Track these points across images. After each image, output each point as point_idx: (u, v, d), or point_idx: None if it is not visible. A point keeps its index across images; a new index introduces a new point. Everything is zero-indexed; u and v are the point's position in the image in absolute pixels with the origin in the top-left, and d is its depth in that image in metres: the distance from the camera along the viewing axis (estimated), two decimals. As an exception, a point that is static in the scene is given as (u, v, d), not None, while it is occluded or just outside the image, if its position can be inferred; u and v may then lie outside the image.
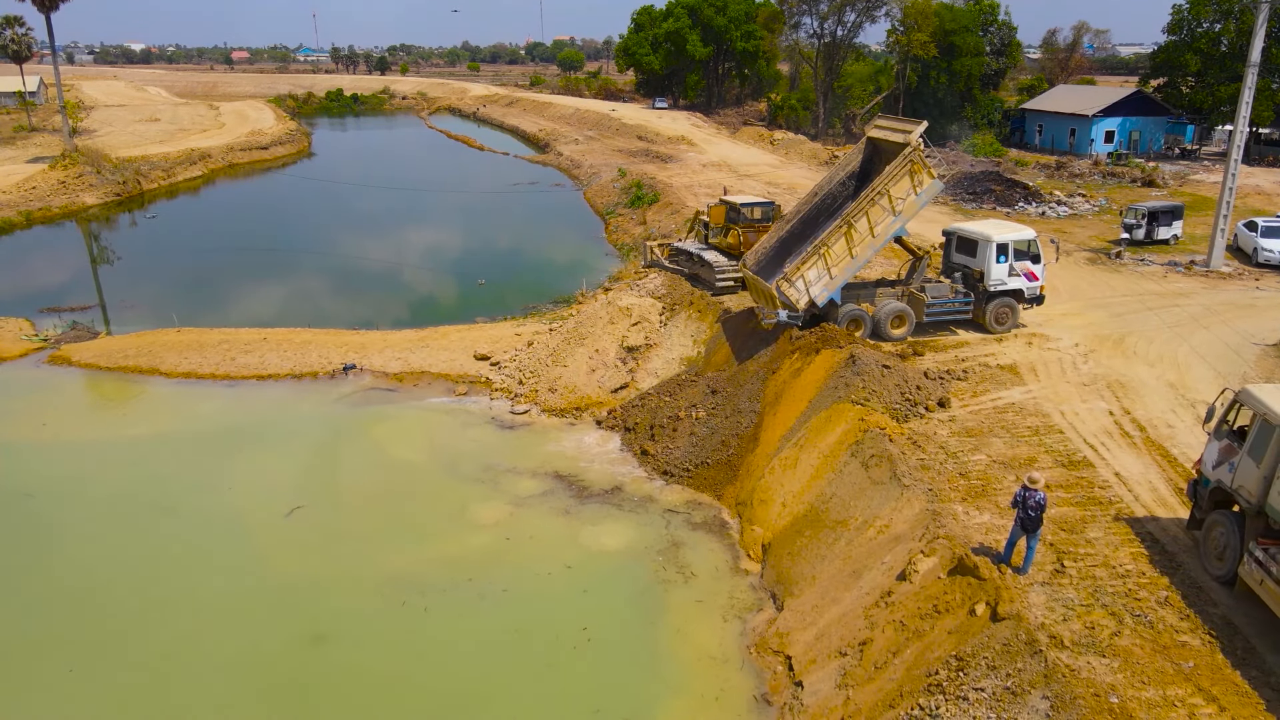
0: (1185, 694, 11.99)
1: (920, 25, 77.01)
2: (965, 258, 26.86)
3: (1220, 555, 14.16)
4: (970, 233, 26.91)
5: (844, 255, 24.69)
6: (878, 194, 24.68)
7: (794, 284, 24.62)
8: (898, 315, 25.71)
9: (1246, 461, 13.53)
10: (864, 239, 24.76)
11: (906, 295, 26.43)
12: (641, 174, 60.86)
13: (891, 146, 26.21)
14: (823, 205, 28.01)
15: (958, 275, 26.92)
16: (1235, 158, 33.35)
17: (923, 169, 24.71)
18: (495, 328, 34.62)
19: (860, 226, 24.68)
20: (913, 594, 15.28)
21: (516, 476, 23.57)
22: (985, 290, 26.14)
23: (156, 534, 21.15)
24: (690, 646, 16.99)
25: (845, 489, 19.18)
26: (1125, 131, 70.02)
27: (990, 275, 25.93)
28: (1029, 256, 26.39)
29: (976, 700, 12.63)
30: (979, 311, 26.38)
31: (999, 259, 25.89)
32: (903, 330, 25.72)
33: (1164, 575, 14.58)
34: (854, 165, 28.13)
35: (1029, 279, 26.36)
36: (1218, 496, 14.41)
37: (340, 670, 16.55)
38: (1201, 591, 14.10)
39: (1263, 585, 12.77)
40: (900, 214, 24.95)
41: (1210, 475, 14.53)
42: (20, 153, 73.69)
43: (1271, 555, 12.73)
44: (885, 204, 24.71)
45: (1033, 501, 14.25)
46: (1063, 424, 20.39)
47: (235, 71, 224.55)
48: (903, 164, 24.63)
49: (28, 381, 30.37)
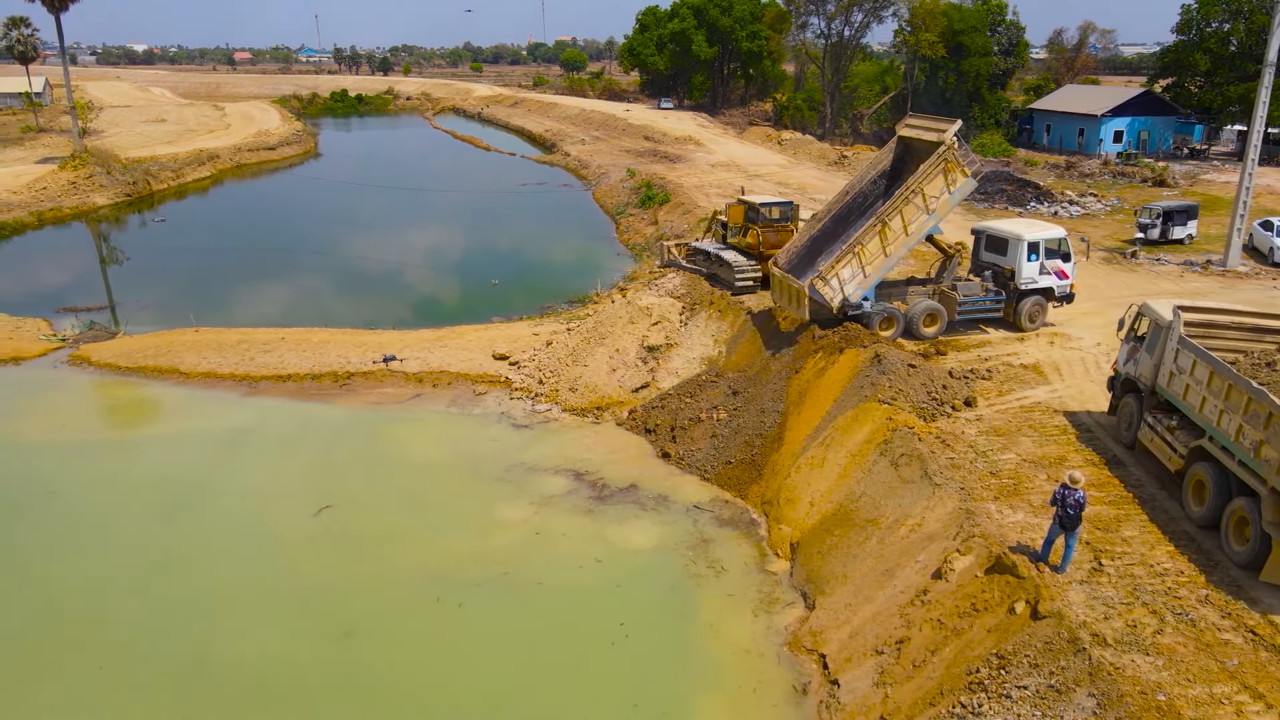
0: (1231, 691, 12.01)
1: (928, 25, 77.02)
2: (995, 256, 26.97)
3: (1128, 427, 18.95)
4: (1000, 231, 27.04)
5: (878, 254, 24.74)
6: (912, 192, 24.75)
7: (829, 283, 24.69)
8: (930, 313, 25.80)
9: (1144, 355, 18.27)
10: (898, 237, 24.81)
11: (938, 294, 26.54)
12: (651, 174, 60.90)
13: (923, 145, 26.28)
14: (853, 204, 28.07)
15: (988, 274, 27.03)
16: (1252, 157, 33.37)
17: (956, 167, 24.82)
18: (512, 327, 34.65)
19: (894, 225, 24.74)
20: (950, 592, 15.30)
21: (540, 475, 23.60)
22: (1016, 288, 26.28)
23: (183, 533, 21.18)
24: (723, 641, 17.04)
25: (875, 488, 19.20)
26: (1134, 131, 70.04)
27: (1021, 273, 26.07)
28: (1059, 255, 26.54)
29: (1020, 698, 12.65)
30: (1010, 309, 26.52)
31: (1030, 257, 26.04)
32: (935, 328, 25.81)
33: (1203, 573, 14.60)
34: (885, 164, 28.20)
35: (1059, 277, 26.54)
36: (1127, 386, 19.25)
37: (372, 666, 16.57)
38: (1242, 590, 14.13)
39: (1152, 442, 17.72)
40: (934, 212, 25.04)
41: (1122, 370, 19.47)
42: (29, 153, 73.75)
43: (1158, 420, 17.65)
44: (919, 202, 24.77)
45: (1072, 500, 14.26)
46: (1090, 423, 20.41)
47: (238, 72, 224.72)
48: (937, 162, 24.72)
49: (47, 381, 30.42)
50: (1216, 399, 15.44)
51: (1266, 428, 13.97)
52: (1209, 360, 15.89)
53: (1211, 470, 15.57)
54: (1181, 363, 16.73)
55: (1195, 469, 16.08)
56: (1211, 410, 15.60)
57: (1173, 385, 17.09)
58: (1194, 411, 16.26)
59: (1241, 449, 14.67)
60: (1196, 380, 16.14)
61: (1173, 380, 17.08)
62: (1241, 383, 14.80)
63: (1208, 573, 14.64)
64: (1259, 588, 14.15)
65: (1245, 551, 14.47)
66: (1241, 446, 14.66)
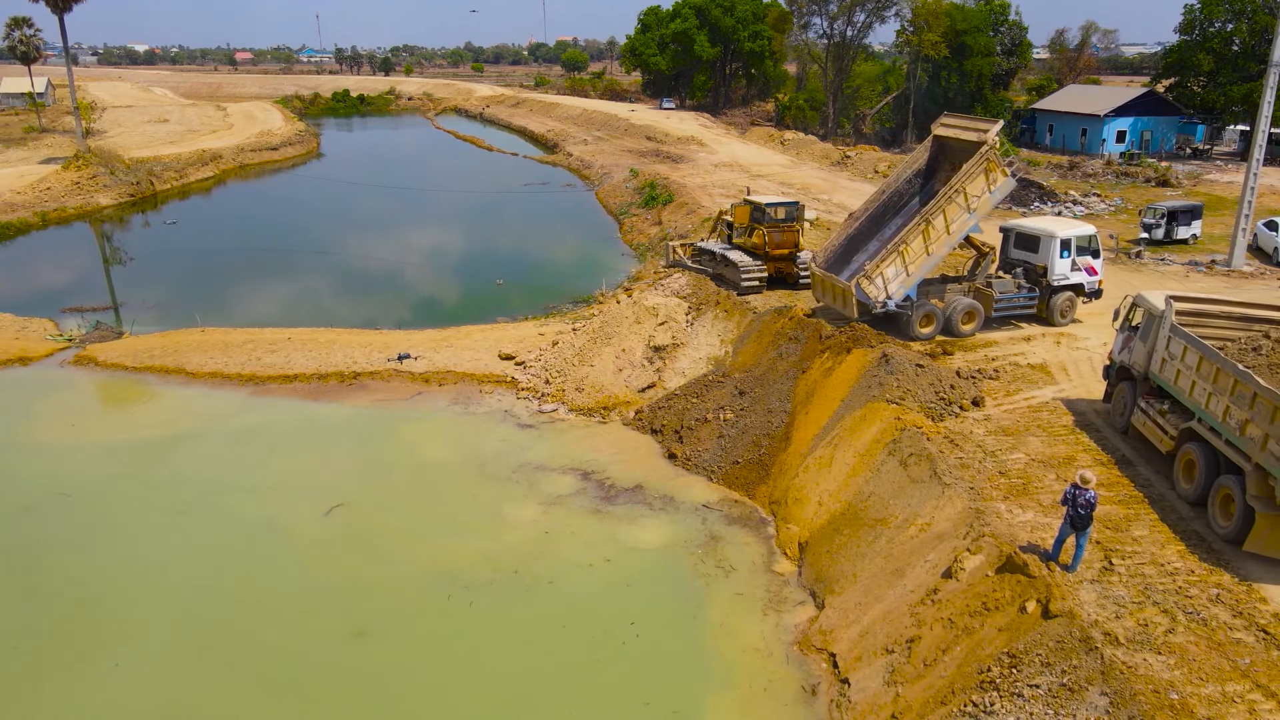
0: (1244, 690, 12.06)
1: (931, 25, 77.06)
2: (1025, 253, 27.42)
3: (1122, 412, 19.81)
4: (1032, 229, 27.55)
5: (921, 252, 25.12)
6: (955, 191, 25.11)
7: (873, 281, 24.98)
8: (968, 311, 26.14)
9: (1138, 343, 19.08)
10: (940, 236, 25.21)
11: (973, 291, 26.87)
12: (654, 174, 60.92)
13: (960, 145, 26.75)
14: (888, 204, 28.58)
15: (1018, 270, 27.43)
16: (1257, 157, 33.41)
17: (997, 167, 25.32)
18: (517, 327, 34.72)
19: (937, 224, 25.12)
20: (960, 591, 15.34)
21: (548, 475, 23.65)
22: (1049, 285, 26.72)
23: (193, 533, 21.23)
24: (733, 640, 17.09)
25: (884, 487, 19.25)
26: (1137, 131, 70.08)
27: (1054, 270, 26.58)
28: (1090, 251, 27.02)
29: (1032, 697, 12.69)
30: (1042, 305, 26.99)
31: (1063, 254, 26.53)
32: (972, 325, 26.20)
33: (1213, 573, 14.66)
34: (920, 163, 28.71)
35: (1089, 273, 27.00)
36: (1122, 373, 20.06)
37: (384, 665, 16.63)
38: (1253, 589, 14.18)
39: (1145, 425, 18.59)
40: (975, 211, 25.50)
41: (1116, 359, 20.24)
42: (33, 154, 73.86)
43: (1151, 404, 18.51)
44: (961, 201, 25.18)
45: (1083, 500, 14.31)
46: (1099, 422, 20.45)
47: (239, 72, 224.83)
48: (980, 161, 25.15)
49: (54, 382, 30.47)
50: (1205, 382, 16.32)
51: (1251, 407, 14.83)
52: (1199, 346, 16.74)
53: (1200, 450, 16.45)
54: (1173, 349, 17.66)
55: (1185, 449, 17.01)
56: (1200, 393, 16.47)
57: (1164, 371, 17.99)
58: (1184, 395, 17.15)
59: (1228, 428, 15.51)
60: (1187, 365, 17.06)
61: (1165, 366, 17.99)
62: (1228, 366, 15.65)
63: (1218, 572, 14.69)
64: (1270, 589, 14.20)
65: (1231, 526, 15.34)
66: (1228, 426, 15.50)
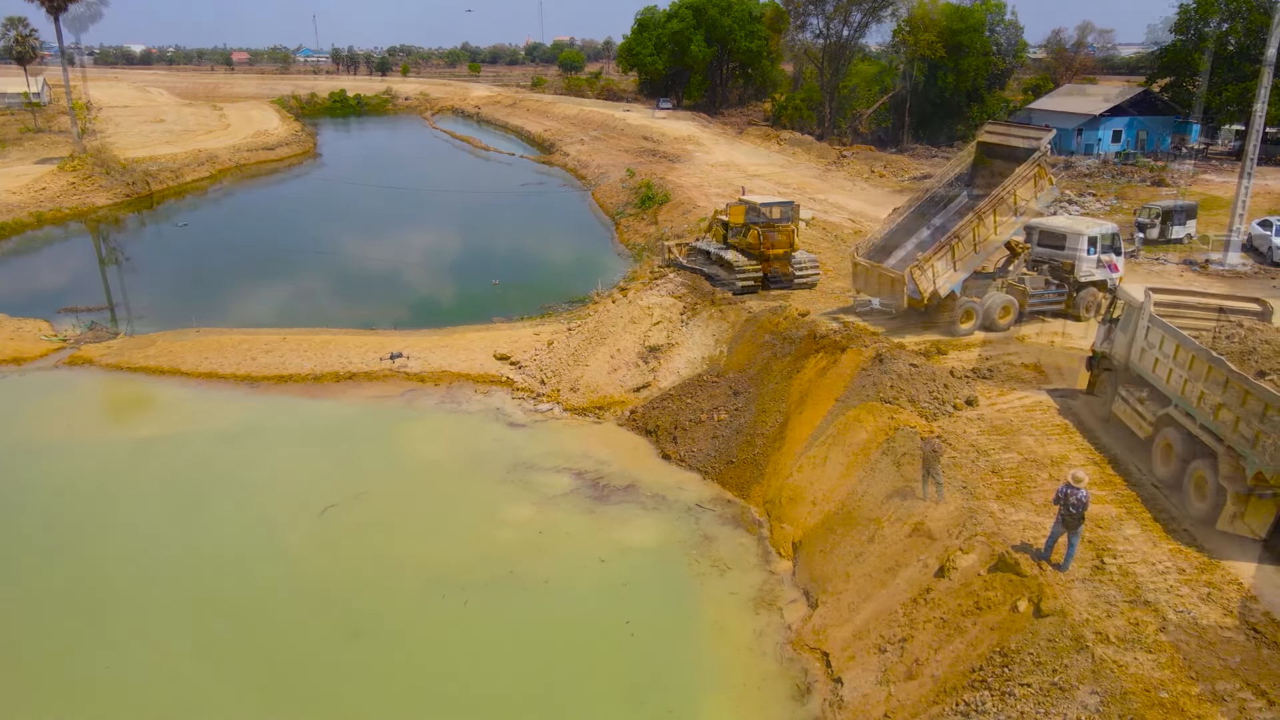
0: (1234, 688, 12.10)
1: (927, 25, 77.13)
2: (1050, 251, 28.30)
3: (1104, 402, 20.49)
4: (1058, 227, 28.54)
5: (969, 250, 25.89)
6: (1006, 193, 25.91)
7: (925, 272, 25.60)
8: (1005, 306, 26.87)
9: (1119, 334, 19.91)
10: (987, 235, 26.03)
11: (1006, 287, 27.47)
12: (650, 174, 60.92)
13: (1005, 151, 27.97)
14: (930, 202, 29.72)
15: (1044, 267, 28.22)
16: (1252, 156, 33.49)
17: (1045, 174, 26.19)
18: (513, 328, 34.72)
19: (987, 223, 25.89)
20: (953, 591, 15.39)
21: (542, 474, 23.67)
22: (1075, 281, 27.55)
23: (188, 533, 21.21)
24: (727, 640, 17.13)
25: (878, 487, 19.28)
26: (1132, 131, 70.16)
27: (1081, 267, 27.49)
28: (1113, 249, 27.88)
29: (1023, 695, 12.74)
30: (1069, 301, 27.82)
31: (1089, 251, 27.36)
32: (1008, 320, 26.98)
33: (1204, 573, 14.70)
34: (964, 167, 30.07)
35: (1111, 270, 27.72)
36: (1103, 364, 20.76)
37: (379, 665, 16.65)
38: (1242, 588, 14.22)
39: (1124, 413, 19.22)
40: (1021, 214, 26.33)
41: (1099, 349, 20.98)
42: (28, 154, 73.67)
43: (1130, 392, 19.13)
44: (1010, 203, 26.02)
45: (1075, 499, 14.35)
46: (1092, 422, 20.50)
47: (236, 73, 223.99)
48: (1031, 167, 26.05)
49: (50, 382, 30.43)
50: (1181, 370, 17.07)
51: (1224, 392, 15.63)
52: (1175, 335, 17.46)
53: (1176, 435, 17.15)
54: (1151, 339, 18.43)
55: (1162, 434, 17.70)
56: (1177, 380, 17.23)
57: (1143, 360, 18.72)
58: (1162, 382, 17.88)
59: (1202, 413, 16.27)
60: (1164, 354, 17.82)
61: (1143, 355, 18.72)
62: (1202, 353, 16.35)
63: (1210, 571, 14.74)
64: (1261, 585, 14.25)
65: (1205, 506, 16.01)
66: (1202, 411, 16.27)
